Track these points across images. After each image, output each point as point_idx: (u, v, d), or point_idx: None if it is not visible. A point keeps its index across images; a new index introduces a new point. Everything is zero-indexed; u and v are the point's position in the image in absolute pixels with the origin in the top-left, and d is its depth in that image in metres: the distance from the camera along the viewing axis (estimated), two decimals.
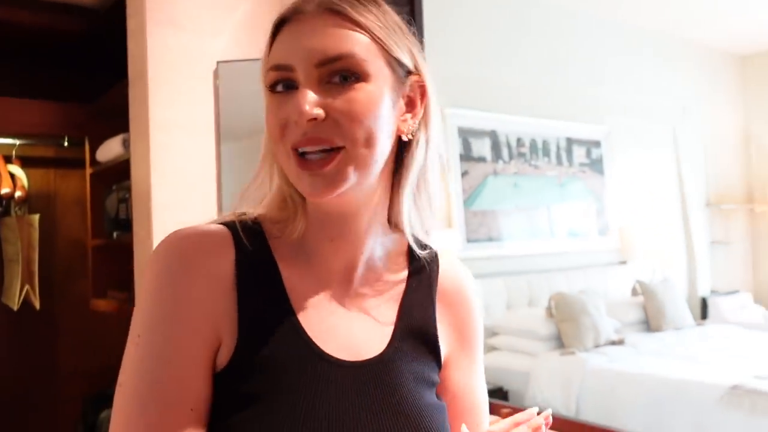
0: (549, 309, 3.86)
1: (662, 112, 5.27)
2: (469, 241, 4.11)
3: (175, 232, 0.70)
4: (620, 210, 5.01)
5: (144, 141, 2.08)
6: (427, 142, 0.74)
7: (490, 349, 3.90)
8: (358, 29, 0.68)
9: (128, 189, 2.50)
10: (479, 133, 4.30)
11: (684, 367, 3.33)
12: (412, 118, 0.73)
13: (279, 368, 0.67)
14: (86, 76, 3.16)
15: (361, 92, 0.66)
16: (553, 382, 3.45)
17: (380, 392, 0.71)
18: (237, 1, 2.19)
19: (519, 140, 4.53)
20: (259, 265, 0.70)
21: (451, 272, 0.83)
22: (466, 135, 4.22)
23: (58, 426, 3.07)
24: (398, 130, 0.72)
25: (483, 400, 0.84)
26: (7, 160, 3.00)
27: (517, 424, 0.72)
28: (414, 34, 0.75)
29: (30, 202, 3.10)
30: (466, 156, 4.20)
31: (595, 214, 4.91)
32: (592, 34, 4.80)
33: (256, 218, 0.74)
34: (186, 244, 0.68)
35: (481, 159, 4.29)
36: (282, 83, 0.68)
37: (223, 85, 2.10)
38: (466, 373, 0.82)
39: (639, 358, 3.54)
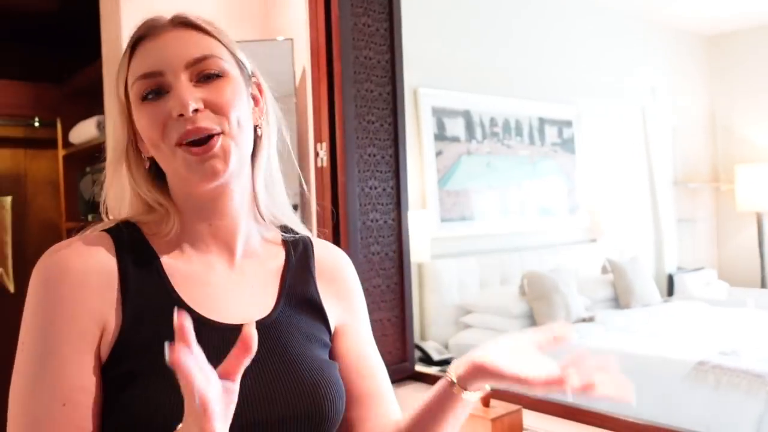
0: (522, 287, 3.94)
1: (632, 93, 5.36)
2: (443, 220, 4.15)
3: (51, 247, 0.76)
4: (590, 189, 5.10)
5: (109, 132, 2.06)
6: (269, 135, 0.86)
7: (463, 327, 3.97)
8: (210, 36, 0.79)
9: (103, 171, 2.48)
10: (453, 113, 4.32)
11: (651, 343, 3.44)
12: (258, 111, 0.84)
13: (161, 343, 0.65)
14: (58, 55, 3.10)
15: (226, 85, 0.77)
16: None
17: (266, 347, 0.74)
18: None
19: (492, 120, 4.56)
20: (139, 258, 0.77)
21: (325, 252, 0.92)
22: (440, 115, 4.24)
23: None
24: (253, 121, 0.83)
25: (378, 363, 0.91)
26: None
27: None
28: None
29: (0, 184, 3.05)
30: (440, 136, 4.22)
31: (565, 193, 4.99)
32: (564, 14, 4.84)
33: (131, 222, 0.81)
34: (62, 253, 0.74)
35: (455, 139, 4.32)
36: (152, 91, 0.76)
37: None
38: (357, 340, 0.89)
39: (608, 335, 3.64)
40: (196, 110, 0.74)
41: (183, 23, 0.79)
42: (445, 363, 3.43)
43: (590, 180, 5.11)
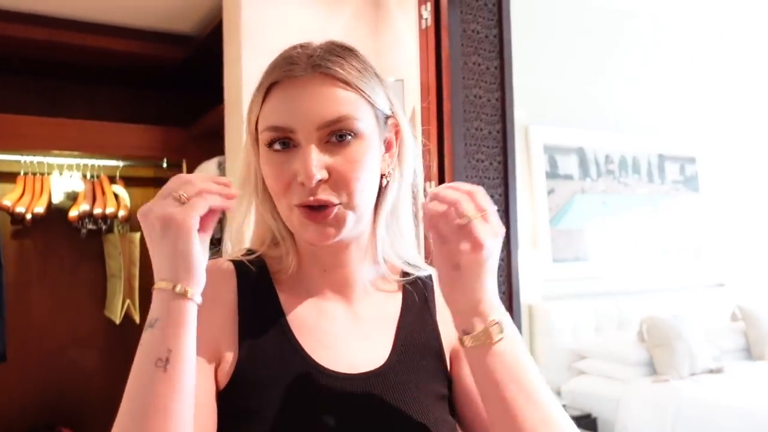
0: (640, 333, 3.72)
1: (762, 126, 5.00)
2: (555, 260, 4.02)
3: None
4: (717, 229, 4.77)
5: (239, 164, 2.16)
6: (400, 177, 0.81)
7: (577, 373, 3.79)
8: (347, 88, 0.73)
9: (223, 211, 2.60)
10: (566, 150, 4.21)
11: None
12: (389, 157, 0.79)
13: (278, 384, 0.71)
14: (185, 100, 3.32)
15: (357, 148, 0.72)
16: (644, 411, 3.31)
17: (383, 400, 0.73)
18: (330, 29, 2.25)
19: (607, 157, 4.41)
20: (259, 293, 0.77)
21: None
22: (552, 152, 4.14)
23: None
24: (381, 170, 0.78)
25: None
26: (111, 180, 3.19)
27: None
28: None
29: (131, 221, 3.27)
30: (552, 174, 4.12)
31: (689, 233, 4.69)
32: (688, 46, 4.62)
33: (259, 255, 0.80)
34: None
35: (568, 177, 4.20)
36: (279, 142, 0.73)
37: None
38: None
39: (740, 390, 3.34)
40: (319, 180, 0.71)
41: (320, 71, 0.72)
42: None
43: (717, 220, 4.79)
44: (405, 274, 0.84)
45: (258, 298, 0.77)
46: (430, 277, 0.87)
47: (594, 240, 4.21)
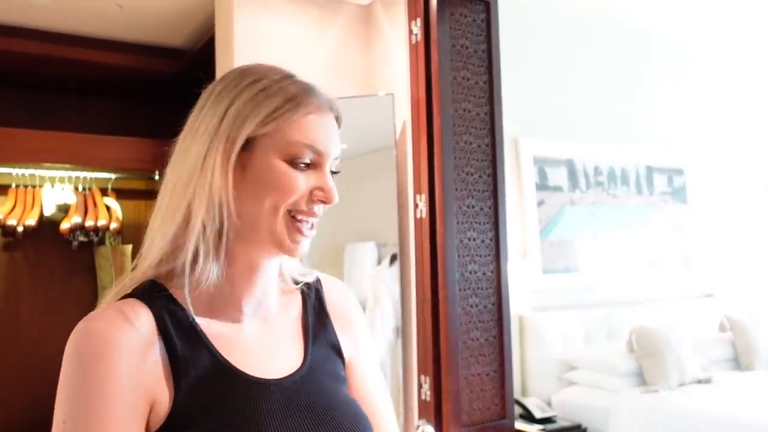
0: (630, 343, 3.74)
1: (751, 137, 5.07)
2: (545, 272, 4.05)
3: (85, 318, 0.75)
4: (705, 241, 4.82)
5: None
6: None
7: (567, 383, 3.81)
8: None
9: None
10: (555, 162, 4.25)
11: None
12: None
13: (219, 405, 0.74)
14: (176, 113, 3.33)
15: (336, 184, 0.83)
16: (634, 421, 3.33)
17: (304, 396, 0.81)
18: (321, 44, 2.28)
19: (596, 169, 4.45)
20: (176, 323, 0.77)
21: (332, 289, 0.95)
22: (541, 164, 4.18)
23: None
24: None
25: (382, 399, 0.94)
26: (103, 192, 3.19)
27: None
28: None
29: (123, 233, 3.28)
30: (542, 185, 4.16)
31: (677, 244, 4.74)
32: (675, 57, 4.69)
33: (152, 281, 0.80)
34: (99, 327, 0.73)
35: (558, 188, 4.23)
36: (309, 159, 0.80)
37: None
38: (363, 376, 0.93)
39: (729, 399, 3.37)
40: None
41: (334, 112, 0.84)
42: (547, 421, 3.29)
43: (705, 231, 4.83)
44: (295, 282, 0.92)
45: (177, 327, 0.77)
46: (318, 279, 0.94)
47: (583, 251, 4.24)
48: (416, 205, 1.92)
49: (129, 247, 3.12)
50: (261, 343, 0.83)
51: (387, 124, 2.12)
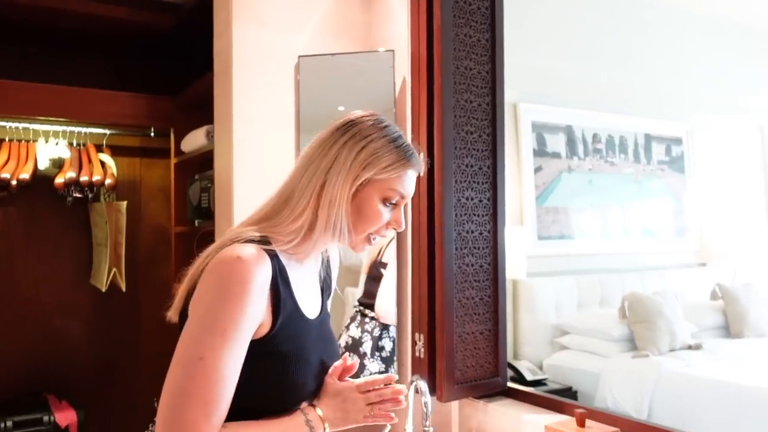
0: (622, 309, 3.77)
1: (750, 108, 5.04)
2: (540, 238, 4.05)
3: (238, 256, 1.01)
4: (701, 210, 4.83)
5: (227, 133, 2.16)
6: None
7: (559, 348, 3.85)
8: None
9: (211, 179, 2.60)
10: (554, 128, 4.23)
11: (765, 375, 3.19)
12: None
13: (295, 335, 1.09)
14: (173, 69, 3.29)
15: None
16: (624, 385, 3.37)
17: (326, 331, 1.22)
18: (318, 1, 2.24)
19: (595, 136, 4.43)
20: (282, 276, 1.08)
21: (333, 250, 1.30)
22: (540, 130, 4.16)
23: (138, 402, 3.22)
24: None
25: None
26: (98, 148, 3.16)
27: (373, 385, 1.16)
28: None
29: (118, 189, 3.25)
30: (540, 152, 4.14)
31: (673, 213, 4.75)
32: (675, 26, 4.63)
33: (266, 238, 1.09)
34: (251, 265, 1.01)
35: (556, 155, 4.22)
36: (396, 201, 1.14)
37: (303, 79, 2.15)
38: (329, 305, 1.31)
39: (718, 365, 3.41)
40: None
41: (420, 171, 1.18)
42: (538, 384, 3.33)
43: (701, 201, 4.84)
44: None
45: (281, 277, 1.08)
46: (326, 250, 1.26)
47: (579, 218, 4.25)
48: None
49: (124, 204, 3.10)
50: (307, 290, 1.17)
51: (387, 81, 2.09)
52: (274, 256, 1.07)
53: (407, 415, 1.68)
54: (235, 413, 1.01)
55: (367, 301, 2.11)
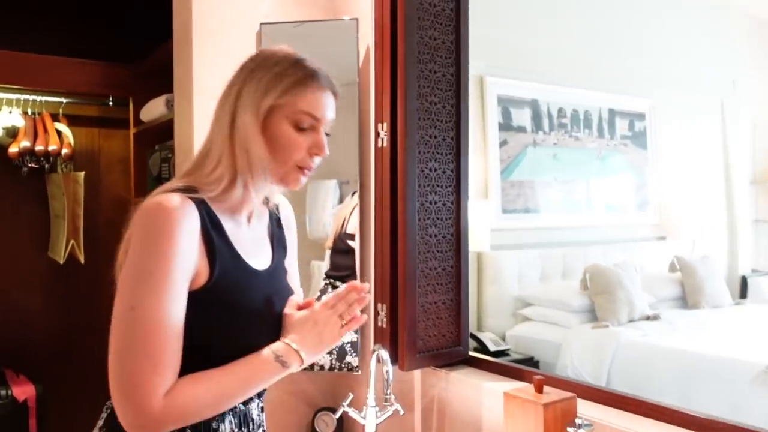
0: (583, 281, 3.84)
1: (711, 85, 5.12)
2: (504, 211, 4.09)
3: (159, 204, 1.00)
4: (661, 185, 4.92)
5: (187, 102, 2.11)
6: None
7: (522, 319, 3.91)
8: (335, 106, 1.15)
9: (171, 149, 2.55)
10: (520, 103, 4.24)
11: (719, 344, 3.29)
12: None
13: (240, 283, 1.09)
14: (132, 36, 3.20)
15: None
16: (584, 354, 3.45)
17: (279, 284, 1.20)
18: None
19: (560, 110, 4.46)
20: (212, 222, 1.07)
21: (286, 211, 1.30)
22: (506, 104, 4.17)
23: (98, 375, 3.18)
24: None
25: (298, 279, 1.35)
26: (54, 118, 3.07)
27: (338, 298, 1.13)
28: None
29: (75, 160, 3.17)
30: (506, 125, 4.15)
31: (634, 188, 4.83)
32: (639, 3, 4.66)
33: (191, 187, 1.07)
34: (173, 214, 0.99)
35: (521, 129, 4.24)
36: (308, 124, 1.10)
37: (266, 43, 2.11)
38: (293, 266, 1.31)
39: (674, 334, 3.51)
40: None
41: (334, 91, 1.14)
42: (501, 354, 3.38)
43: (662, 175, 4.93)
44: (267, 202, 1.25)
45: (212, 225, 1.06)
46: (278, 204, 1.28)
47: (543, 192, 4.29)
48: (377, 134, 1.89)
49: (81, 175, 3.03)
50: (250, 242, 1.15)
51: (351, 50, 2.06)
52: (201, 203, 1.05)
53: (369, 385, 1.69)
54: (193, 371, 1.00)
55: (335, 274, 2.10)
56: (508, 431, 1.42)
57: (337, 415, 1.80)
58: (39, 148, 2.95)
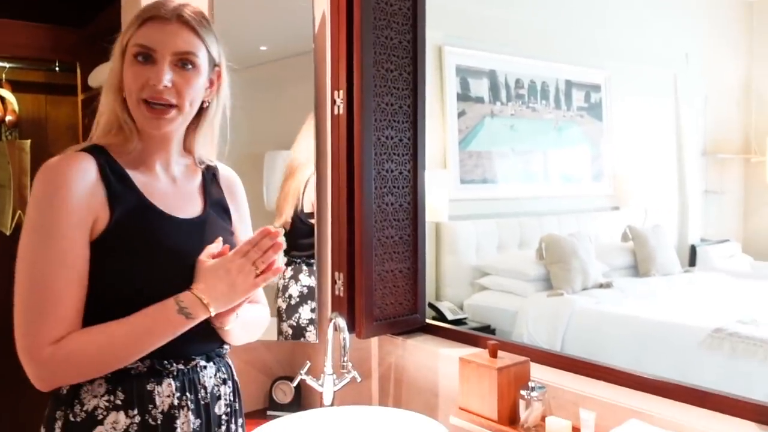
0: (539, 251, 3.90)
1: (664, 58, 5.20)
2: (462, 182, 4.11)
3: (50, 162, 1.03)
4: (616, 156, 5.00)
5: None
6: (216, 105, 1.20)
7: (479, 288, 3.96)
8: (194, 35, 1.10)
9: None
10: (478, 73, 4.24)
11: (669, 310, 3.40)
12: (211, 91, 1.18)
13: (143, 229, 1.07)
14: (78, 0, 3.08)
15: (192, 75, 1.10)
16: (539, 322, 3.52)
17: (204, 234, 1.15)
18: None
19: (518, 81, 4.47)
20: (113, 171, 1.08)
21: (226, 174, 1.30)
22: (464, 74, 4.16)
23: None
24: (203, 97, 1.17)
25: None
26: None
27: (250, 245, 1.07)
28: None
29: (21, 128, 3.06)
30: (464, 96, 4.15)
31: (590, 159, 4.90)
32: None
33: (97, 146, 1.10)
34: (62, 168, 1.02)
35: (479, 99, 4.24)
36: (142, 56, 1.07)
37: (219, 15, 2.04)
38: (244, 234, 1.27)
39: (625, 301, 3.60)
40: (165, 86, 1.06)
41: (182, 21, 1.09)
42: (458, 323, 3.42)
43: (616, 147, 5.01)
44: (201, 165, 1.26)
45: (114, 175, 1.07)
46: (215, 166, 1.27)
47: (501, 163, 4.32)
48: (333, 101, 1.86)
49: (27, 143, 2.92)
50: (171, 194, 1.15)
51: (306, 16, 2.01)
52: (102, 155, 1.08)
53: (326, 353, 1.69)
54: (99, 321, 1.01)
55: (302, 254, 2.07)
56: (464, 395, 1.44)
57: (295, 384, 1.79)
58: None
